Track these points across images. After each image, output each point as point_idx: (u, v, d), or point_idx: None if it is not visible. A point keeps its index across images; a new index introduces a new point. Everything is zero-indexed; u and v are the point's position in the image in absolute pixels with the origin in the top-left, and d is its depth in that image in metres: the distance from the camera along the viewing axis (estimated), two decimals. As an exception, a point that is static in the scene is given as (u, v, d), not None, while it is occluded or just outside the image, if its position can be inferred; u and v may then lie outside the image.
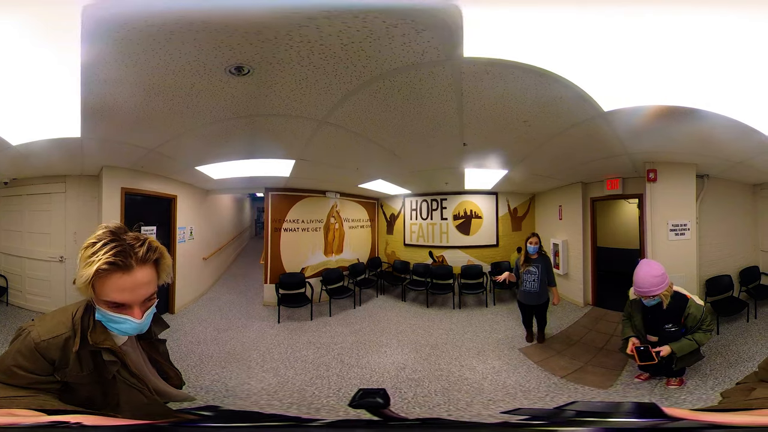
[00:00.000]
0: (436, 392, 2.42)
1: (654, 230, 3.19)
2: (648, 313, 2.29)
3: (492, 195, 4.75)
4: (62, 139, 2.32)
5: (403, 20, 1.27)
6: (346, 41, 1.38)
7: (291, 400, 2.30)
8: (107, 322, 0.84)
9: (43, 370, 0.81)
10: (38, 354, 0.80)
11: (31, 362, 0.80)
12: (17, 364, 0.80)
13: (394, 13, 1.24)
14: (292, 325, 3.76)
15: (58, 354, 0.82)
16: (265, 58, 1.50)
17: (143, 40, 1.37)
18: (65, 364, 0.82)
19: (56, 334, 0.83)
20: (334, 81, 1.69)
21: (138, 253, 0.80)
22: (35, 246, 3.41)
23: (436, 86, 1.80)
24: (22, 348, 0.81)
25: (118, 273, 0.79)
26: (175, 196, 4.00)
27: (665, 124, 2.18)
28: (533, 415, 0.66)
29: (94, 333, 0.84)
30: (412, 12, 1.24)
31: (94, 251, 0.78)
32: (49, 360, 0.81)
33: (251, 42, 1.38)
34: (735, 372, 2.45)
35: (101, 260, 0.77)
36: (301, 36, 1.35)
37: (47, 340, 0.81)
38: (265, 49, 1.43)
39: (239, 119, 2.20)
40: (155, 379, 1.01)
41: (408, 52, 1.47)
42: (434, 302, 4.43)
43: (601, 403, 0.67)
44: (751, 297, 3.43)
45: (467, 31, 1.35)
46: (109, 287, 0.79)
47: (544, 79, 1.68)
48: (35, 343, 0.81)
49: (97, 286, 0.79)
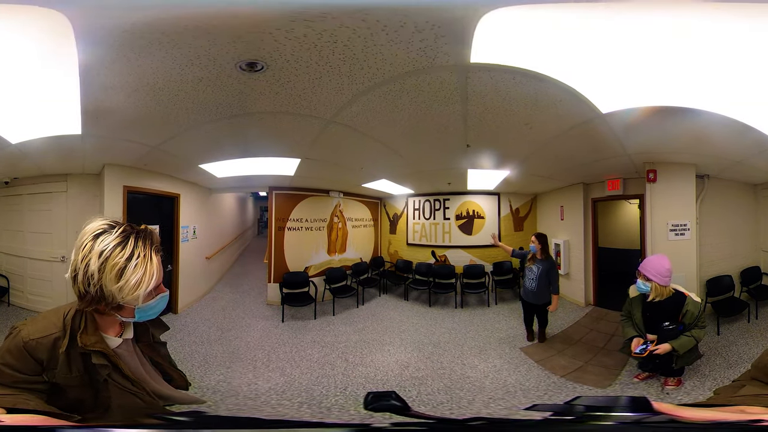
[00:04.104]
0: (439, 390, 2.45)
1: (654, 230, 3.21)
2: (647, 311, 2.32)
3: (494, 195, 4.77)
4: (63, 137, 2.29)
5: (428, 25, 1.29)
6: (369, 44, 1.40)
7: (300, 400, 2.32)
8: (146, 312, 0.84)
9: (30, 370, 0.79)
10: (26, 353, 0.79)
11: (19, 361, 0.79)
12: (4, 362, 0.79)
13: (422, 18, 1.25)
14: (296, 324, 3.77)
15: (47, 354, 0.80)
16: (284, 56, 1.50)
17: (148, 36, 1.35)
18: (54, 365, 0.80)
19: (46, 334, 0.81)
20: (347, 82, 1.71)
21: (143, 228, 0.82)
22: (36, 246, 3.38)
23: (443, 90, 1.83)
24: (11, 346, 0.80)
25: (157, 256, 0.81)
26: (178, 194, 3.98)
27: (664, 125, 2.21)
28: (554, 410, 0.69)
29: (85, 335, 0.82)
30: (436, 17, 1.25)
31: (127, 255, 0.76)
32: (37, 360, 0.79)
33: (276, 39, 1.38)
34: (734, 373, 2.46)
35: (149, 254, 0.78)
36: (328, 37, 1.36)
37: (36, 340, 0.80)
38: (286, 47, 1.44)
39: (246, 116, 2.19)
40: (156, 383, 0.98)
41: (422, 57, 1.50)
42: (436, 301, 4.45)
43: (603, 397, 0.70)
44: (752, 297, 3.42)
45: (476, 37, 1.38)
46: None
47: (543, 83, 1.72)
48: (24, 342, 0.79)
49: None
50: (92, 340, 0.82)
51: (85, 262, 0.76)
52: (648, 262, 2.31)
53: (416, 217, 5.13)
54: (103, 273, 0.75)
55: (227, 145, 2.80)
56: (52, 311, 0.87)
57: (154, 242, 0.82)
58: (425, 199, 5.04)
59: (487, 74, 1.67)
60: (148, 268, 0.79)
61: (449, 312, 4.17)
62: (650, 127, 2.25)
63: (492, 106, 2.02)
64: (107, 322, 0.88)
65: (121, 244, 0.77)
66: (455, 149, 2.90)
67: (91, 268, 0.75)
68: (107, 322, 0.88)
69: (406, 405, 0.68)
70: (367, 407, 0.69)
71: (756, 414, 0.65)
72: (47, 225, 3.36)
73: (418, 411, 0.68)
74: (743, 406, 0.69)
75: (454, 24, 1.29)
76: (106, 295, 0.77)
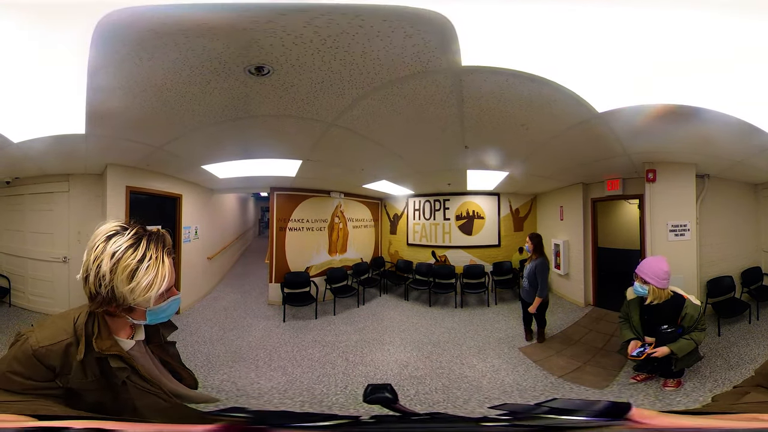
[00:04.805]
0: (437, 389, 2.47)
1: (653, 231, 3.18)
2: (645, 314, 2.29)
3: (494, 196, 4.78)
4: (66, 136, 2.29)
5: (414, 30, 1.31)
6: (367, 49, 1.42)
7: (302, 399, 2.35)
8: (157, 315, 0.85)
9: (42, 377, 0.79)
10: (36, 360, 0.78)
11: (28, 369, 0.78)
12: (12, 370, 0.78)
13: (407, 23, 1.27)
14: (297, 324, 3.79)
15: (59, 361, 0.79)
16: (289, 60, 1.52)
17: (166, 37, 1.36)
18: (67, 370, 0.80)
19: (56, 341, 0.80)
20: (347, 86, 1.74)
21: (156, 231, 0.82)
22: (38, 246, 3.37)
23: (438, 93, 1.85)
24: (18, 354, 0.79)
25: (169, 258, 0.81)
26: (180, 195, 4.00)
27: (662, 124, 2.19)
28: (513, 410, 0.69)
29: (100, 339, 0.81)
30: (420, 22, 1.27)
31: (139, 256, 0.76)
32: (48, 366, 0.79)
33: (284, 44, 1.40)
34: (735, 375, 2.43)
35: (161, 257, 0.78)
36: (331, 42, 1.38)
37: (47, 347, 0.79)
38: (293, 52, 1.46)
39: (250, 119, 2.21)
40: (170, 382, 0.99)
41: (416, 62, 1.52)
42: (436, 301, 4.47)
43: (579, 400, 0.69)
44: (753, 298, 3.39)
45: (462, 41, 1.40)
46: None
47: (535, 84, 1.73)
48: (33, 350, 0.78)
49: None
50: (107, 344, 0.82)
51: (97, 263, 0.76)
52: (645, 265, 2.27)
53: (416, 218, 5.15)
54: (114, 274, 0.76)
55: (231, 146, 2.81)
56: (59, 317, 0.86)
57: (166, 245, 0.83)
58: (425, 199, 5.06)
59: (479, 77, 1.69)
60: (160, 270, 0.79)
61: (449, 312, 4.19)
62: (650, 126, 2.23)
63: (487, 108, 2.04)
64: (118, 324, 0.88)
65: (134, 245, 0.77)
66: (454, 151, 2.92)
67: (103, 269, 0.75)
68: (118, 325, 0.88)
69: (395, 398, 0.70)
70: (365, 399, 0.72)
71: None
72: (49, 225, 3.35)
73: (401, 406, 0.70)
74: (755, 414, 0.66)
75: (436, 28, 1.31)
76: (118, 296, 0.77)
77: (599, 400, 0.61)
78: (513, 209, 4.84)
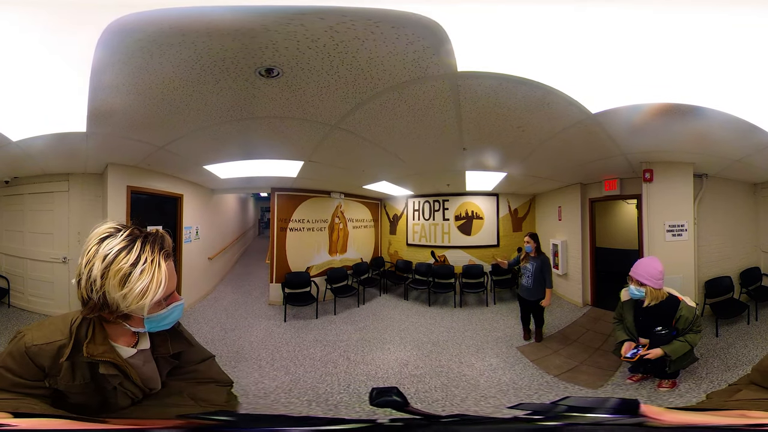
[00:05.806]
0: (436, 388, 2.49)
1: (651, 231, 3.17)
2: (639, 316, 2.27)
3: (493, 196, 4.81)
4: (66, 135, 2.26)
5: (415, 37, 1.34)
6: (373, 55, 1.45)
7: (308, 398, 2.37)
8: (158, 322, 0.80)
9: (32, 376, 0.77)
10: (28, 358, 0.76)
11: (20, 366, 0.77)
12: (5, 365, 0.77)
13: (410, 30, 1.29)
14: (298, 324, 3.81)
15: (49, 361, 0.77)
16: (300, 63, 1.53)
17: (180, 36, 1.34)
18: (57, 371, 0.78)
19: (49, 341, 0.78)
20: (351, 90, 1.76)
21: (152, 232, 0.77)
22: (37, 246, 3.34)
23: (437, 97, 1.89)
24: (13, 350, 0.78)
25: (168, 261, 0.76)
26: (181, 195, 4.00)
27: (658, 123, 2.18)
28: (534, 409, 0.69)
29: (92, 345, 0.78)
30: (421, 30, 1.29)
31: (132, 260, 0.71)
32: (38, 366, 0.77)
33: (299, 47, 1.41)
34: (732, 375, 2.41)
35: (156, 260, 0.72)
36: (343, 47, 1.40)
37: (39, 346, 0.77)
38: (305, 55, 1.47)
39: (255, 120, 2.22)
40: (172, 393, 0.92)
41: (416, 67, 1.55)
42: (436, 301, 4.49)
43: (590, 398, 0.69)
44: (751, 299, 3.35)
45: (456, 47, 1.42)
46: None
47: (528, 87, 1.75)
48: (26, 347, 0.77)
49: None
50: (100, 350, 0.78)
51: (88, 267, 0.71)
52: (639, 266, 2.23)
53: (416, 218, 5.17)
54: (106, 279, 0.70)
55: (233, 147, 2.81)
56: (60, 317, 0.83)
57: (164, 247, 0.77)
58: (425, 200, 5.08)
59: (475, 81, 1.72)
60: (156, 274, 0.72)
61: (448, 311, 4.22)
62: (646, 125, 2.23)
63: (484, 111, 2.07)
64: (117, 331, 0.83)
65: (126, 248, 0.72)
66: (452, 152, 2.96)
67: (94, 274, 0.70)
68: (117, 332, 0.83)
69: (405, 401, 0.69)
70: (372, 403, 0.70)
71: (758, 418, 0.62)
72: (48, 225, 3.32)
73: (415, 408, 0.70)
74: (743, 411, 0.67)
75: (434, 35, 1.33)
76: (110, 302, 0.72)
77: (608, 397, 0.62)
78: (512, 209, 4.87)
